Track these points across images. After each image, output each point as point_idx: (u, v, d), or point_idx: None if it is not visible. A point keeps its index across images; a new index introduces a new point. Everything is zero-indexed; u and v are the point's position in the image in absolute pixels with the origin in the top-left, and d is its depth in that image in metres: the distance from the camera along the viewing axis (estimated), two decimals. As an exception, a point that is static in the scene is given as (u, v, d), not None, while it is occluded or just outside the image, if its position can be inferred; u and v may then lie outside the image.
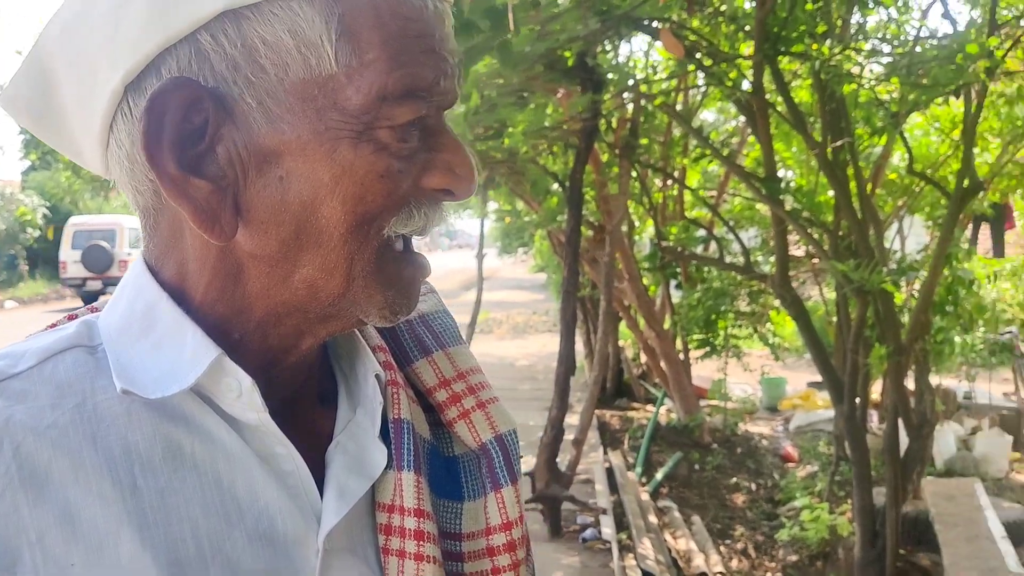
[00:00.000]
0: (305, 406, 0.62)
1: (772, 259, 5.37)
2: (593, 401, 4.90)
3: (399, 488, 0.60)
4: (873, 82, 4.46)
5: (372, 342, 0.65)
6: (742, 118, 6.35)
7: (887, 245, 6.56)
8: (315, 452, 0.60)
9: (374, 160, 0.54)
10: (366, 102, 0.53)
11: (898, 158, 6.32)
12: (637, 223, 7.96)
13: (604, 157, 6.46)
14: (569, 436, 4.92)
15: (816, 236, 4.61)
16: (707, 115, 10.42)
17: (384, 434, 0.62)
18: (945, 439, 6.07)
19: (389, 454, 0.61)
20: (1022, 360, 7.07)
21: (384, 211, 0.56)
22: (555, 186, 6.79)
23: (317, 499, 0.58)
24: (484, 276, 11.66)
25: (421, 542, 0.59)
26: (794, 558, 4.81)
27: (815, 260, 6.26)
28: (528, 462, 4.97)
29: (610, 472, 5.54)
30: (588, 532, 4.39)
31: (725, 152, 5.79)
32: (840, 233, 4.46)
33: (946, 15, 5.70)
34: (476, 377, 0.68)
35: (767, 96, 4.65)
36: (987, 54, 3.95)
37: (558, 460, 4.62)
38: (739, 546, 5.05)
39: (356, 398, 0.64)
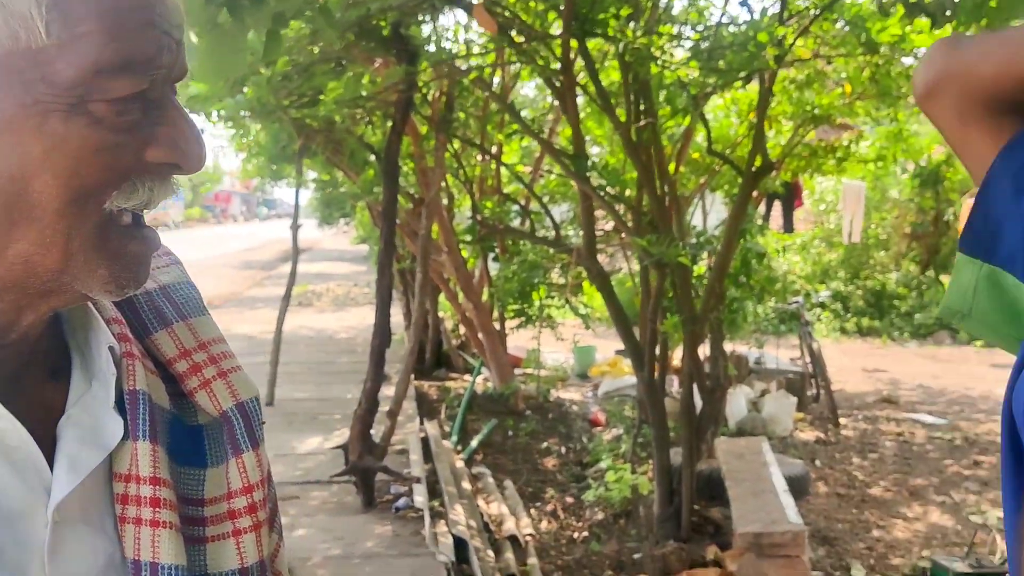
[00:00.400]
0: (33, 381, 0.61)
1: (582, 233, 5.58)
2: (409, 372, 4.94)
3: (135, 458, 0.61)
4: (676, 65, 4.69)
5: (107, 314, 0.65)
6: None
7: (691, 221, 6.94)
8: (47, 427, 0.60)
9: (88, 134, 0.54)
10: (78, 75, 0.53)
11: (702, 138, 6.68)
12: (457, 196, 8.03)
13: (423, 130, 6.46)
14: (386, 408, 4.94)
15: (620, 212, 4.82)
16: (528, 91, 10.60)
17: (121, 405, 0.62)
18: (737, 402, 6.52)
19: (126, 425, 0.61)
20: (807, 328, 7.67)
21: (103, 185, 0.55)
22: (373, 157, 6.73)
23: (47, 473, 0.58)
24: (304, 248, 11.41)
25: (157, 509, 0.60)
26: (600, 517, 5.05)
27: (624, 234, 6.53)
28: (344, 435, 4.96)
29: (425, 442, 5.61)
30: (401, 501, 4.43)
31: (538, 129, 5.92)
32: (643, 209, 4.69)
33: (743, 3, 6.06)
34: (218, 347, 0.69)
35: (578, 75, 4.82)
36: (776, 42, 4.25)
37: (373, 432, 4.63)
38: (549, 508, 5.25)
39: (91, 371, 0.63)
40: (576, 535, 4.89)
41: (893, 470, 6.01)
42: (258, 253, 24.65)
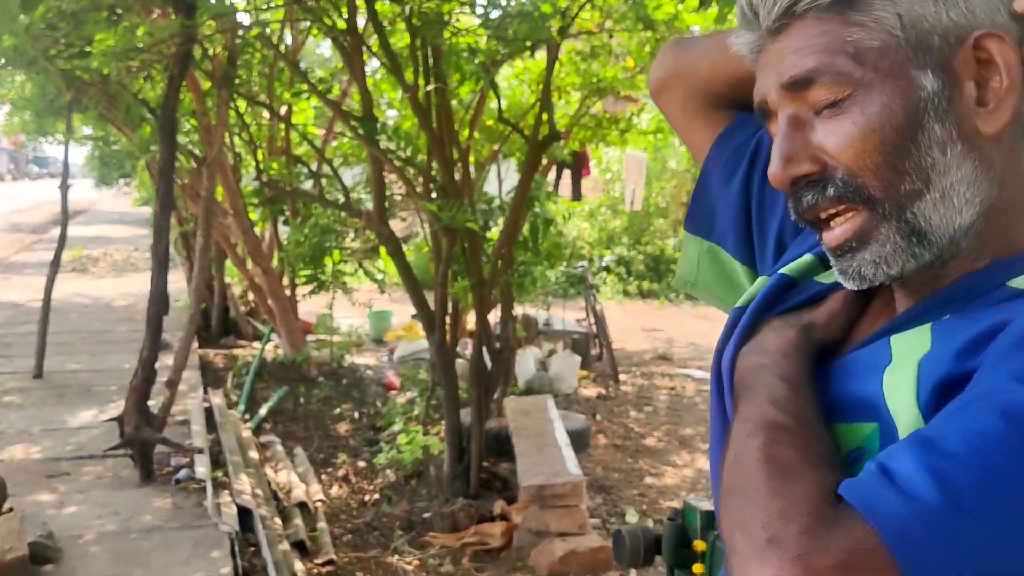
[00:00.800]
0: None
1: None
2: (190, 340, 4.75)
3: None
4: (464, 32, 4.74)
5: None
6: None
7: (486, 187, 7.06)
8: None
9: None
10: None
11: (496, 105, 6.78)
12: (245, 157, 7.74)
13: (206, 86, 6.17)
14: (166, 378, 4.73)
15: (411, 176, 4.84)
16: (324, 49, 10.31)
17: None
18: (526, 362, 6.76)
19: None
20: (591, 291, 8.03)
21: None
22: (150, 114, 6.35)
23: None
24: (80, 209, 10.62)
25: None
26: (392, 479, 5.10)
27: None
28: (120, 407, 4.71)
29: (210, 412, 5.43)
30: (182, 473, 4.28)
31: (327, 89, 5.80)
32: (434, 174, 4.73)
33: (531, -26, 6.17)
34: None
35: (371, 38, 4.76)
36: (560, 13, 4.38)
37: (152, 403, 4.43)
38: (340, 473, 5.24)
39: None
40: (367, 498, 4.92)
41: (665, 421, 6.45)
42: (28, 215, 22.65)
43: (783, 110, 0.72)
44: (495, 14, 4.51)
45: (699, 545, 1.94)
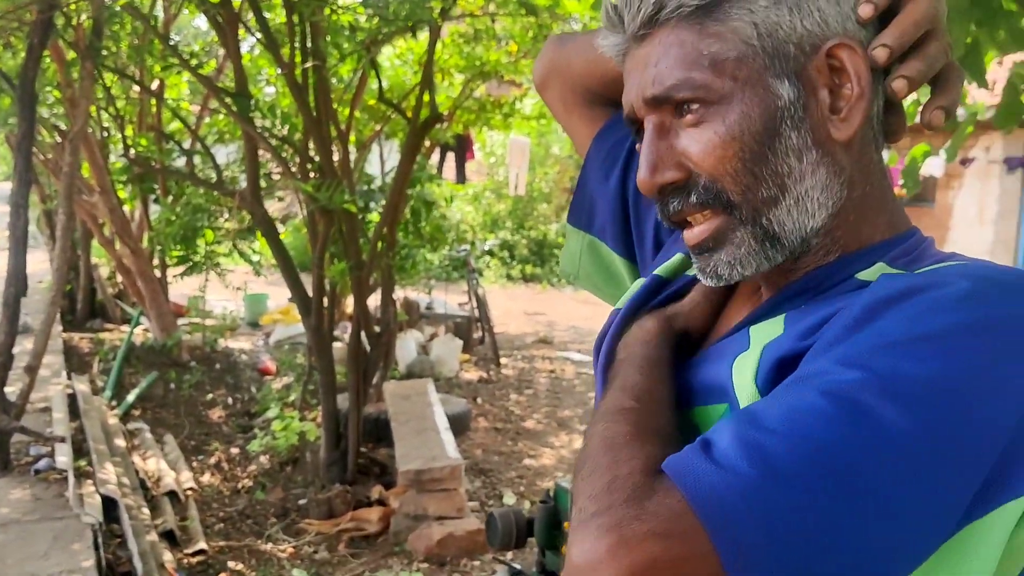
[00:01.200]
0: None
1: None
2: (51, 324, 4.50)
3: None
4: (343, 9, 4.63)
5: None
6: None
7: (369, 168, 6.95)
8: None
9: None
10: None
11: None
12: (114, 133, 7.38)
13: (71, 56, 5.84)
14: (24, 363, 4.48)
15: (288, 155, 4.72)
16: (201, 22, 9.91)
17: None
18: (408, 346, 6.72)
19: None
20: (474, 274, 8.04)
21: None
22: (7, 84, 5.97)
23: None
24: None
25: None
26: (266, 466, 4.99)
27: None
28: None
29: (73, 398, 5.18)
30: (42, 463, 4.07)
31: (197, 64, 5.58)
32: (311, 154, 4.62)
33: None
34: None
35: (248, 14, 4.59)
36: (441, -5, 4.34)
37: (9, 389, 4.19)
38: (213, 461, 5.09)
39: None
40: (241, 486, 4.80)
41: (545, 404, 6.53)
42: None
43: (648, 119, 0.74)
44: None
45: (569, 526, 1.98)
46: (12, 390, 4.26)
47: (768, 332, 0.70)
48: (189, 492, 4.50)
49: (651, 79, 0.72)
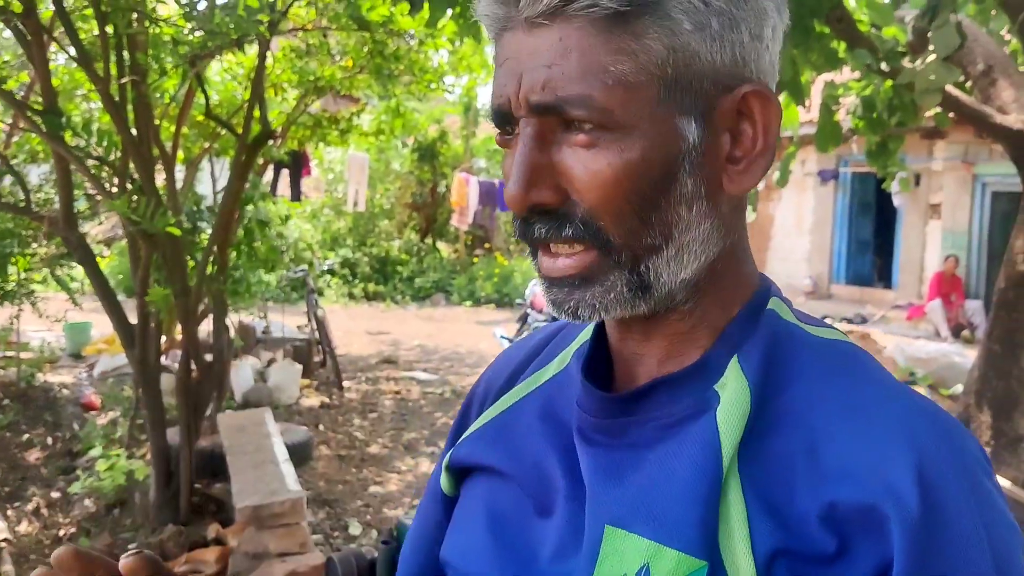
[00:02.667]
0: None
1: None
2: None
3: None
4: (164, 21, 4.39)
5: None
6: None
7: (199, 187, 6.62)
8: None
9: None
10: None
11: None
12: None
13: None
14: None
15: (107, 176, 4.41)
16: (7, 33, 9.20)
17: None
18: (244, 373, 6.44)
19: None
20: (313, 295, 7.82)
21: None
22: None
23: None
24: None
25: None
26: (92, 510, 4.64)
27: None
28: None
29: None
30: None
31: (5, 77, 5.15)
32: (131, 173, 4.34)
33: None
34: None
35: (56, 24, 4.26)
36: (269, 8, 4.18)
37: None
38: (30, 507, 4.70)
39: None
40: (63, 533, 4.44)
41: (391, 427, 6.41)
42: None
43: (528, 122, 0.63)
44: (203, 5, 4.23)
45: (413, 568, 1.89)
46: None
47: (707, 461, 0.62)
48: (3, 544, 4.13)
49: (541, 81, 0.61)
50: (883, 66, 3.39)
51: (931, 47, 3.10)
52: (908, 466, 0.59)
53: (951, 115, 3.65)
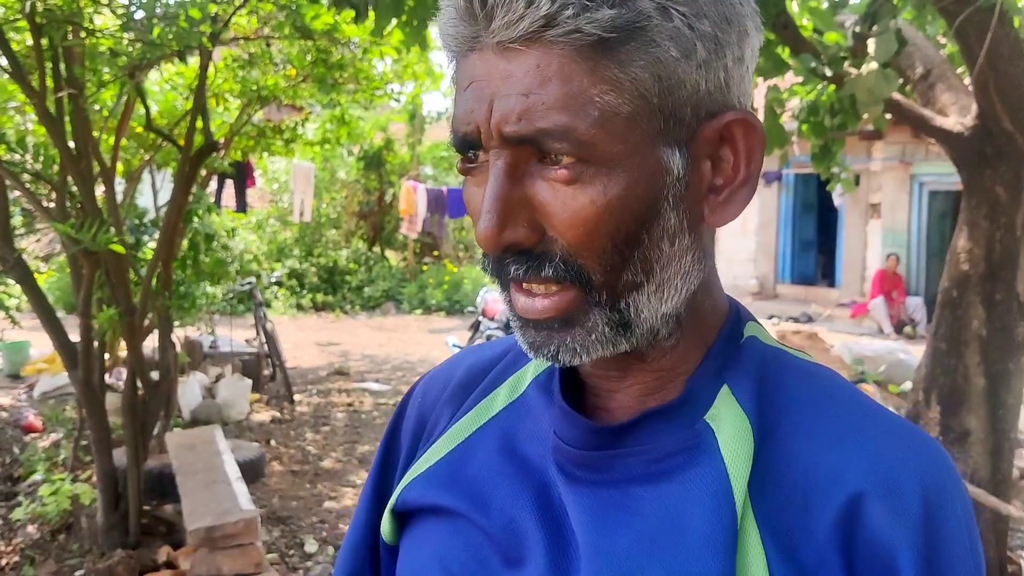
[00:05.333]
0: None
1: None
2: None
3: None
4: (101, 33, 4.28)
5: None
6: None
7: (139, 201, 6.47)
8: None
9: None
10: None
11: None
12: None
13: None
14: None
15: (42, 192, 4.29)
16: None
17: None
18: (191, 390, 6.30)
19: None
20: (260, 308, 7.70)
21: None
22: None
23: None
24: None
25: None
26: (35, 536, 4.49)
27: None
28: None
29: None
30: None
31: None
32: (70, 189, 4.22)
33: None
34: None
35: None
36: (211, 18, 4.10)
37: None
38: (-32, 537, 4.53)
39: None
40: (5, 562, 4.29)
41: (344, 440, 6.32)
42: None
43: (499, 153, 0.59)
44: (140, 15, 4.13)
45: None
46: None
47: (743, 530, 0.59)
48: (-61, 577, 3.96)
49: (517, 111, 0.56)
50: (826, 71, 3.44)
51: (871, 53, 3.15)
52: (916, 497, 0.60)
53: (888, 116, 3.71)
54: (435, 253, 15.08)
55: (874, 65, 3.09)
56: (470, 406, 0.75)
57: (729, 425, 0.62)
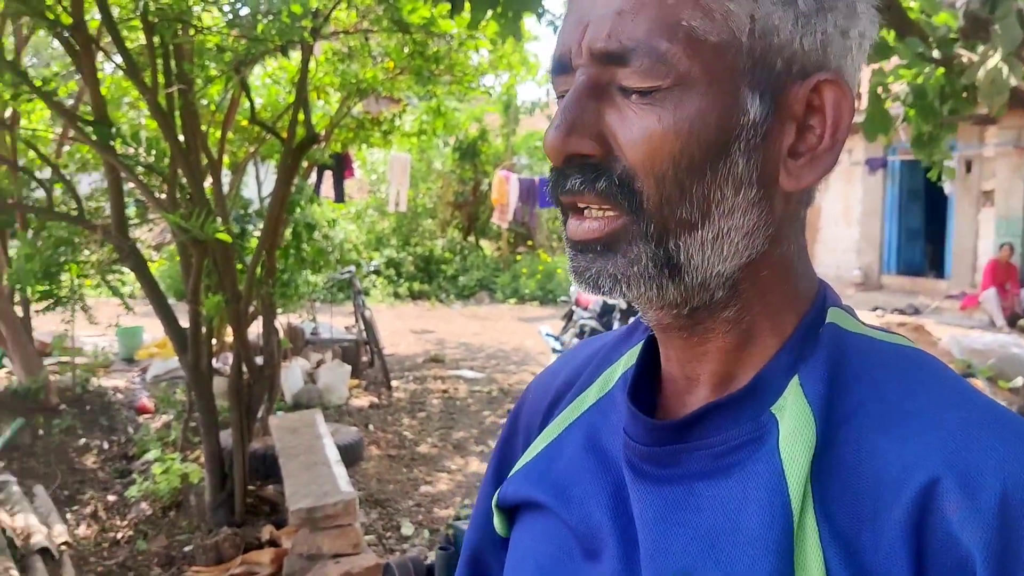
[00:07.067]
0: None
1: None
2: None
3: None
4: (213, 30, 4.44)
5: None
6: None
7: (244, 192, 6.70)
8: None
9: None
10: None
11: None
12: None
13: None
14: None
15: (154, 184, 4.48)
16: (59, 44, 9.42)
17: None
18: (293, 375, 6.50)
19: None
20: (359, 296, 7.87)
21: None
22: None
23: None
24: None
25: None
26: (147, 513, 4.72)
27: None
28: None
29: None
30: None
31: (51, 90, 5.26)
32: (180, 181, 4.40)
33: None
34: None
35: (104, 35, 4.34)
36: (311, 14, 4.21)
37: None
38: (88, 510, 4.79)
39: None
40: (120, 536, 4.52)
41: (439, 426, 6.42)
42: None
43: (583, 70, 0.60)
44: (244, 11, 4.27)
45: (470, 573, 1.88)
46: None
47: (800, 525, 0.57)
48: (63, 547, 4.20)
49: (607, 29, 0.58)
50: (935, 54, 3.31)
51: (993, 42, 3.00)
52: (994, 491, 0.53)
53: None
54: (529, 243, 15.13)
55: (998, 55, 2.94)
56: (567, 403, 0.77)
57: (791, 418, 0.59)
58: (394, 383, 7.45)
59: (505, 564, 0.76)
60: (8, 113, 6.17)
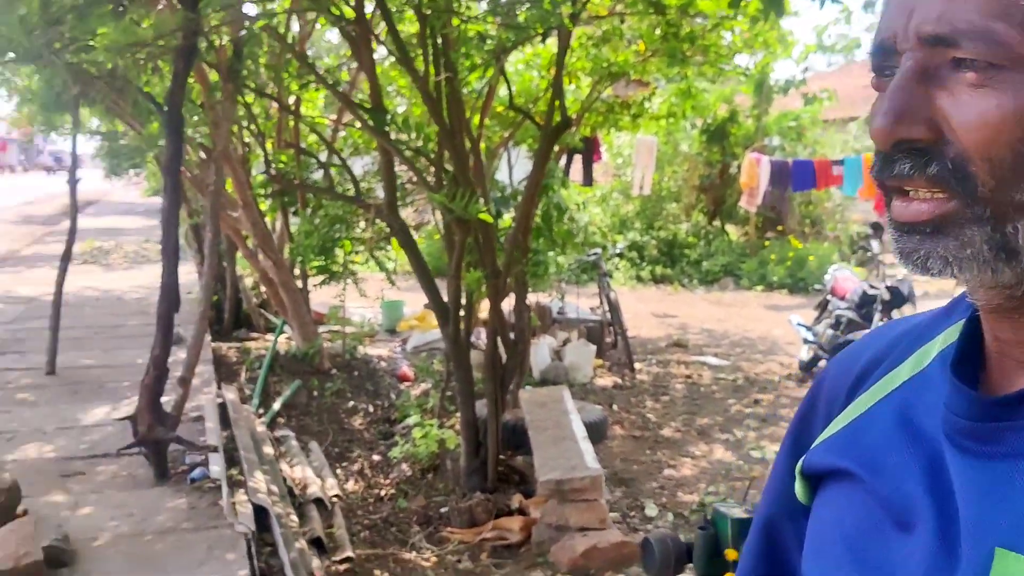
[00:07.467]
0: None
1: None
2: (202, 336, 4.70)
3: None
4: (475, 19, 4.65)
5: None
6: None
7: (497, 175, 6.98)
8: None
9: None
10: None
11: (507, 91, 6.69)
12: (255, 150, 7.68)
13: (214, 78, 6.10)
14: (179, 374, 4.69)
15: (423, 166, 4.76)
16: (333, 36, 10.22)
17: None
18: (541, 352, 6.69)
19: None
20: (604, 278, 7.95)
21: None
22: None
23: None
24: (91, 200, 10.56)
25: None
26: (408, 473, 5.05)
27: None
28: (134, 403, 4.66)
29: (224, 407, 5.38)
30: (197, 472, 4.24)
31: (333, 79, 5.72)
32: (445, 164, 4.65)
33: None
34: None
35: (378, 26, 4.67)
36: (571, 0, 4.29)
37: (165, 400, 4.39)
38: (356, 468, 5.20)
39: None
40: (384, 493, 4.88)
41: (683, 411, 6.38)
42: (39, 207, 22.72)
43: (911, 55, 0.59)
44: (504, 0, 4.43)
45: (731, 554, 1.87)
46: (168, 400, 4.45)
47: None
48: (335, 499, 4.59)
49: (936, 13, 0.57)
50: None
51: None
52: None
53: None
54: (779, 228, 14.58)
55: None
56: (875, 380, 0.76)
57: None
58: (637, 365, 7.48)
59: (808, 531, 0.76)
60: (292, 101, 6.79)
